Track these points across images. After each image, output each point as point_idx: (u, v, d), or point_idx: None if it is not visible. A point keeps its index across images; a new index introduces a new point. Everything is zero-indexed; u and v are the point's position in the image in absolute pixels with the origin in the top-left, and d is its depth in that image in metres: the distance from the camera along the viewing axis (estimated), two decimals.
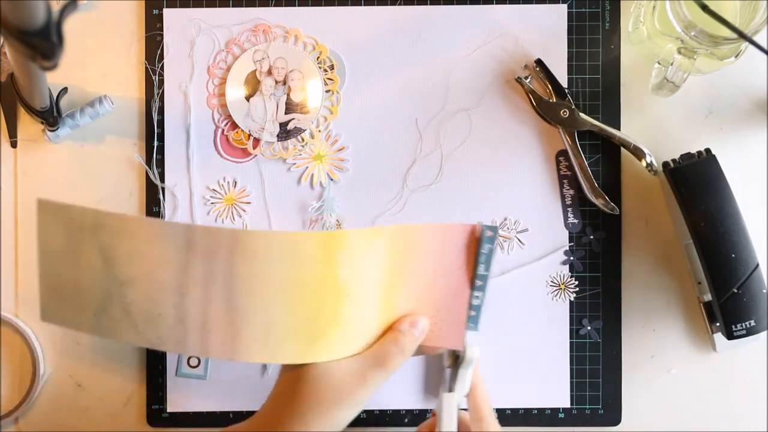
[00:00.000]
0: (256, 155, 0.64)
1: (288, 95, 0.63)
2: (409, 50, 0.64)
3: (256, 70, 0.63)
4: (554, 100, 0.63)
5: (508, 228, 0.64)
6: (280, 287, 0.49)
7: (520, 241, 0.64)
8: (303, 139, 0.64)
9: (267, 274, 0.49)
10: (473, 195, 0.64)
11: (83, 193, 0.64)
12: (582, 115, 0.63)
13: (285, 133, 0.63)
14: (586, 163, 0.63)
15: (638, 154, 0.62)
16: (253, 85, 0.63)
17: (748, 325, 0.59)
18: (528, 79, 0.63)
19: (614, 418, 0.64)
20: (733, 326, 0.59)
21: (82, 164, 0.64)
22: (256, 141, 0.63)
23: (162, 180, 0.64)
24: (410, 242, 0.53)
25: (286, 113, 0.63)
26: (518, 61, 0.64)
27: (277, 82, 0.63)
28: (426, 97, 0.64)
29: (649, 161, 0.62)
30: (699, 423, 0.63)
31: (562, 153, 0.64)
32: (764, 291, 0.59)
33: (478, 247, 0.53)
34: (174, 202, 0.64)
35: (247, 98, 0.63)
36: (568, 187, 0.64)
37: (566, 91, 0.63)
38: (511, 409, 0.64)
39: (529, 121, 0.64)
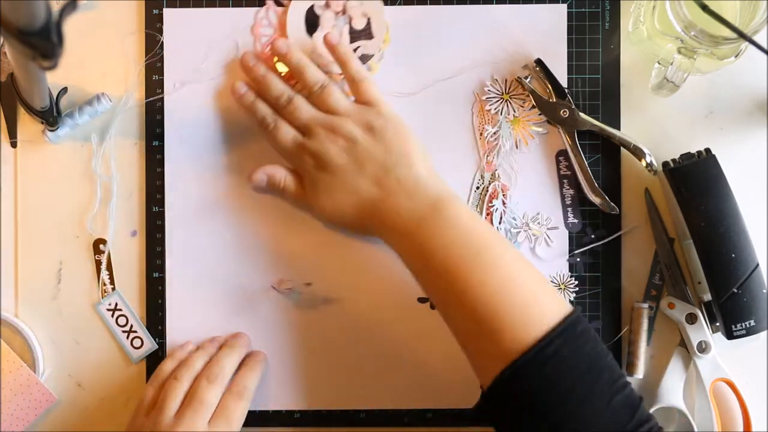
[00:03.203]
0: None
1: (350, 24, 0.63)
2: (410, 50, 0.64)
3: (312, 5, 0.63)
4: (554, 100, 0.63)
5: (509, 226, 0.64)
6: None
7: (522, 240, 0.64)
8: (371, 67, 0.63)
9: None
10: None
11: (83, 194, 0.64)
12: (582, 115, 0.63)
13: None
14: (586, 163, 0.63)
15: (638, 154, 0.62)
16: (312, 22, 0.63)
17: (748, 325, 0.59)
18: (528, 79, 0.63)
19: None
20: (733, 326, 0.59)
21: (82, 164, 0.64)
22: None
23: (162, 179, 0.64)
24: None
25: (351, 42, 0.63)
26: (518, 61, 0.64)
27: (336, 13, 0.63)
28: (425, 97, 0.64)
29: (649, 161, 0.62)
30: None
31: (562, 153, 0.64)
32: (764, 291, 0.59)
33: None
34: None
35: (310, 34, 0.63)
36: (568, 187, 0.64)
37: (566, 91, 0.63)
38: None
39: None
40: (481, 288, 0.52)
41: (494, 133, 0.63)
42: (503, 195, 0.63)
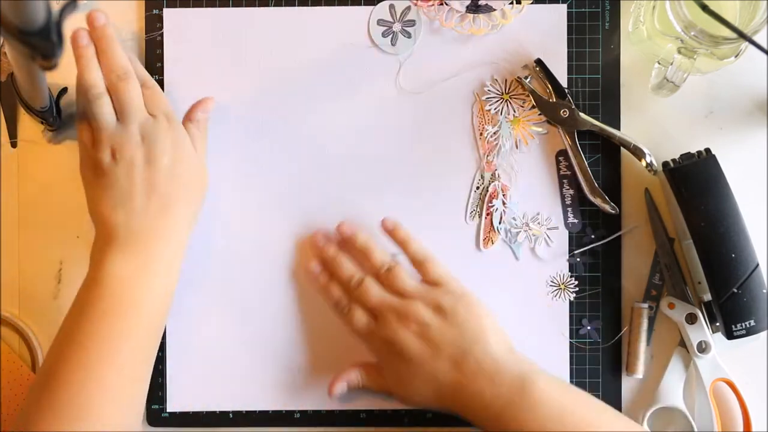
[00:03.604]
0: None
1: None
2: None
3: None
4: (554, 100, 0.63)
5: (509, 226, 0.64)
6: None
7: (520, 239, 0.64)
8: (505, 14, 0.62)
9: None
10: None
11: (83, 194, 0.64)
12: (582, 115, 0.63)
13: (475, 6, 0.63)
14: (586, 163, 0.63)
15: (638, 154, 0.62)
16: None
17: (748, 325, 0.59)
18: (528, 79, 0.63)
19: None
20: (733, 326, 0.59)
21: None
22: None
23: None
24: None
25: None
26: (518, 61, 0.64)
27: None
28: (425, 96, 0.64)
29: (649, 161, 0.62)
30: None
31: (562, 153, 0.64)
32: (764, 291, 0.59)
33: None
34: None
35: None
36: (568, 187, 0.64)
37: (566, 91, 0.63)
38: None
39: None
40: None
41: (494, 133, 0.63)
42: (503, 195, 0.63)
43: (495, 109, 0.63)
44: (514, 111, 0.64)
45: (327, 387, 0.61)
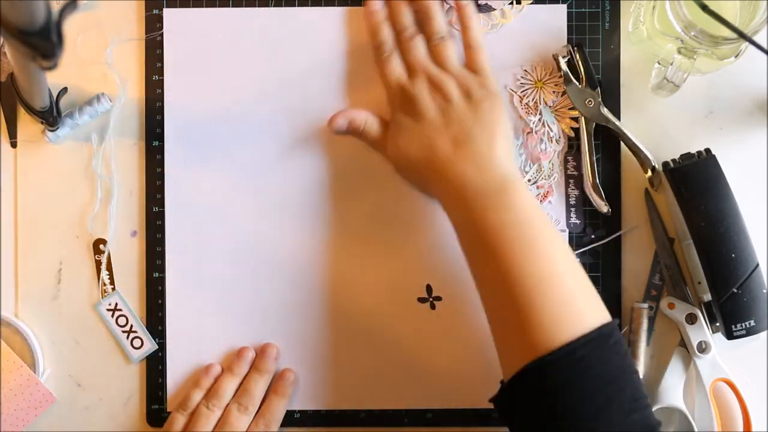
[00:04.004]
0: None
1: None
2: None
3: None
4: (584, 87, 0.63)
5: None
6: None
7: None
8: (505, 14, 0.63)
9: None
10: None
11: (83, 194, 0.64)
12: (605, 110, 0.62)
13: (475, 6, 0.63)
14: (595, 157, 0.62)
15: (645, 165, 0.62)
16: None
17: (748, 325, 0.59)
18: (565, 59, 0.63)
19: None
20: (733, 326, 0.59)
21: (82, 164, 0.64)
22: None
23: (162, 179, 0.64)
24: None
25: None
26: (519, 61, 0.64)
27: None
28: None
29: (654, 173, 0.62)
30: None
31: (570, 153, 0.64)
32: (764, 291, 0.59)
33: None
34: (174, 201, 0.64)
35: None
36: (573, 188, 0.64)
37: (598, 80, 0.63)
38: None
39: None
40: (525, 277, 0.52)
41: (538, 124, 0.63)
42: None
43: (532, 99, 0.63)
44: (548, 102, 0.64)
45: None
